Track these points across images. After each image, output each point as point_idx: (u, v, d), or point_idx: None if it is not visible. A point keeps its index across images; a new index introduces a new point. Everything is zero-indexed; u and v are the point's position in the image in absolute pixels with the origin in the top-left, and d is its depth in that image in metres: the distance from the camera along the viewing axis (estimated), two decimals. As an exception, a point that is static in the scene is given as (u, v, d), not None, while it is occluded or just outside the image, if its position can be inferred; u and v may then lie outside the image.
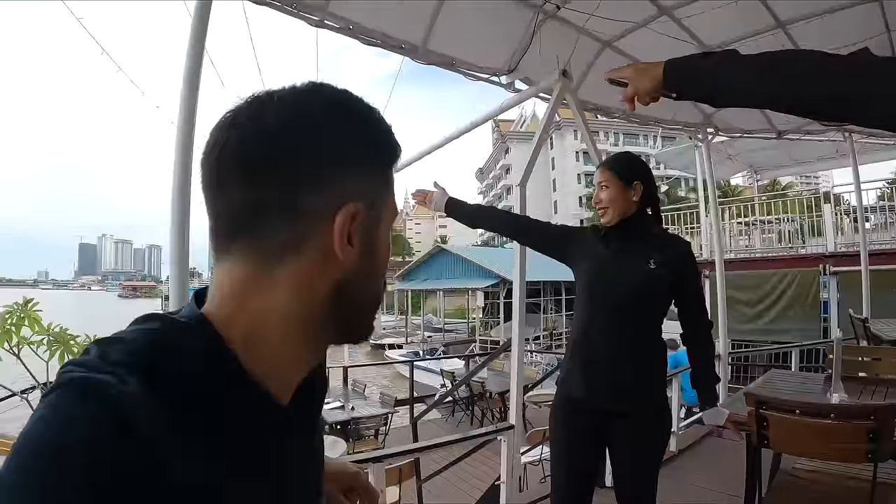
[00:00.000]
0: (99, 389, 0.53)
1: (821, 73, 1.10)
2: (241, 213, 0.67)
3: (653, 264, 2.43)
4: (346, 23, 3.60)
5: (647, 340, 2.49)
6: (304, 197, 0.67)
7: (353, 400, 8.41)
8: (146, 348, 0.59)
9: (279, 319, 0.68)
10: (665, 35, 4.29)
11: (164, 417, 0.54)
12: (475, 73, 4.46)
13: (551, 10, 4.08)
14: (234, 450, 0.61)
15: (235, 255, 0.68)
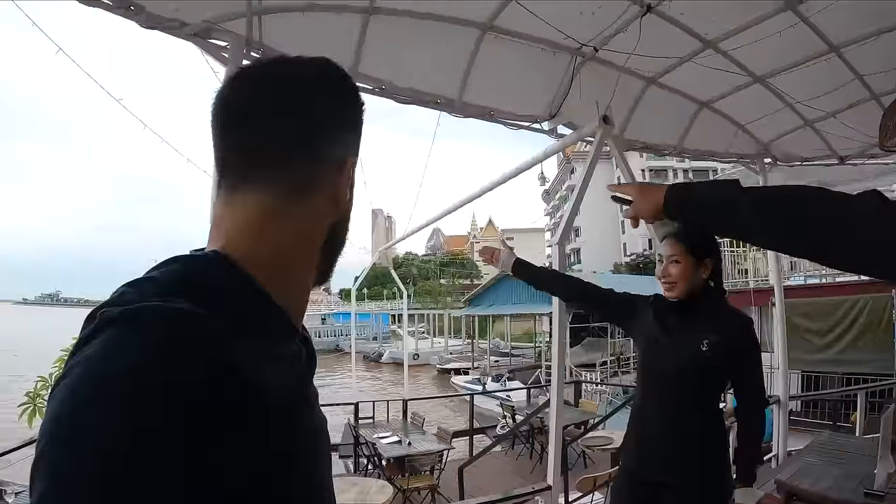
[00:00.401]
0: (162, 311, 0.58)
1: (809, 220, 1.11)
2: (262, 151, 0.77)
3: (706, 346, 2.42)
4: (377, 83, 3.69)
5: (697, 418, 2.49)
6: (326, 147, 0.80)
7: (411, 434, 8.44)
8: (177, 283, 0.64)
9: (295, 252, 0.78)
10: (712, 68, 4.21)
11: (223, 329, 0.60)
12: (516, 122, 4.46)
13: (589, 52, 4.05)
14: (280, 361, 0.70)
15: (249, 191, 0.76)
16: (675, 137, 5.20)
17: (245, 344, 0.62)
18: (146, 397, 0.51)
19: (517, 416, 10.66)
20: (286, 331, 0.75)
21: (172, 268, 0.68)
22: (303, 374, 0.79)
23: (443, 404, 20.40)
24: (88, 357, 0.54)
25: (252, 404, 0.59)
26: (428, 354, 44.15)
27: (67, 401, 0.52)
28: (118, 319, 0.56)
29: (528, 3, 3.44)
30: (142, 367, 0.52)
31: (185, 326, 0.57)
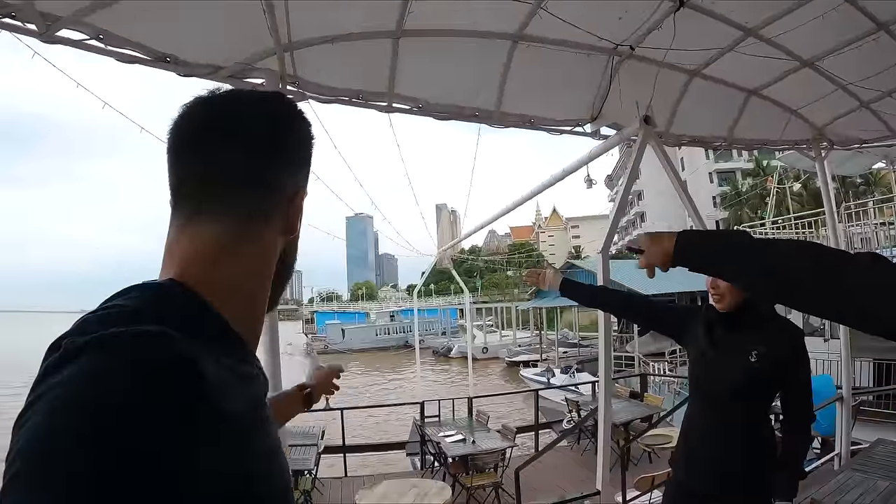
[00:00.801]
0: (131, 335, 0.58)
1: (812, 285, 1.14)
2: (214, 180, 0.79)
3: (754, 357, 2.41)
4: (414, 102, 3.79)
5: (745, 430, 2.49)
6: (278, 179, 0.83)
7: (476, 432, 8.54)
8: (140, 310, 0.65)
9: (249, 281, 0.81)
10: (757, 56, 4.11)
11: (192, 350, 0.60)
12: (557, 128, 4.47)
13: (626, 51, 4.02)
14: (242, 381, 0.71)
15: (204, 221, 0.78)
16: (724, 129, 5.09)
17: (212, 364, 0.62)
18: (126, 423, 0.51)
19: (581, 410, 10.61)
20: (243, 354, 0.77)
21: (132, 296, 0.69)
22: (260, 396, 0.80)
23: (511, 400, 20.38)
24: (61, 385, 0.55)
25: (222, 423, 0.60)
26: (497, 347, 44.21)
27: (43, 431, 0.52)
28: (87, 347, 0.57)
29: (555, 9, 3.45)
30: (118, 393, 0.53)
31: (157, 349, 0.58)
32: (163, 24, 2.84)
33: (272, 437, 0.82)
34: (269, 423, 0.82)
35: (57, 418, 0.52)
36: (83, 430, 0.51)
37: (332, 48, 3.27)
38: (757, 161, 43.20)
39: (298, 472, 7.12)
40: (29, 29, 2.53)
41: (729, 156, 44.71)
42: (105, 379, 0.54)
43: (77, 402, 0.53)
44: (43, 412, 0.53)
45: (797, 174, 23.46)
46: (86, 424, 0.51)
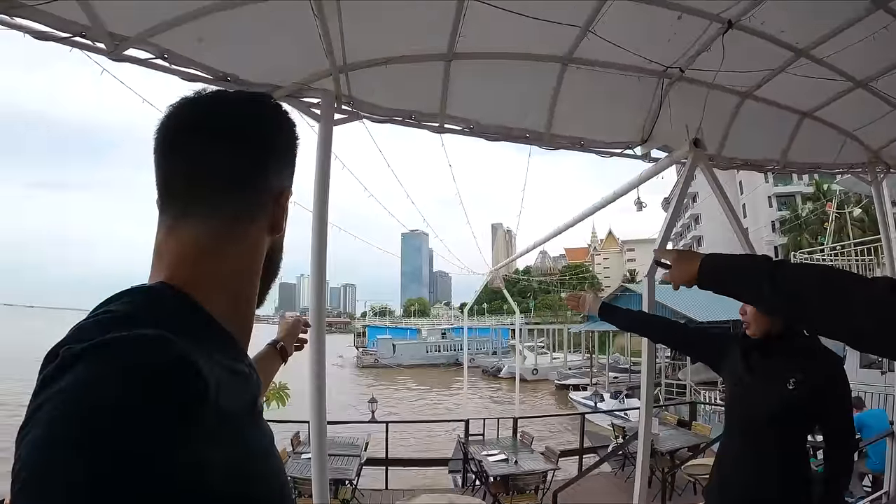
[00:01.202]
0: (130, 339, 0.59)
1: (835, 305, 1.20)
2: (200, 181, 0.80)
3: (792, 385, 2.35)
4: (465, 123, 3.87)
5: (781, 459, 2.44)
6: (264, 179, 0.85)
7: (519, 453, 8.49)
8: (134, 314, 0.66)
9: (236, 280, 0.83)
10: (809, 77, 4.03)
11: (190, 350, 0.61)
12: (607, 150, 4.48)
13: (675, 73, 4.01)
14: (237, 378, 0.74)
15: (191, 223, 0.79)
16: (777, 152, 5.00)
17: (209, 364, 0.63)
18: (126, 429, 0.52)
19: (628, 436, 10.42)
20: (236, 352, 0.79)
21: (124, 300, 0.70)
22: (254, 393, 0.82)
23: (559, 422, 20.14)
24: (59, 393, 0.55)
25: (221, 423, 0.62)
26: (547, 369, 43.70)
27: (43, 442, 0.52)
28: (84, 354, 0.57)
29: (604, 32, 3.48)
30: (117, 399, 0.54)
31: (155, 352, 0.59)
32: (224, 45, 3.01)
33: (267, 435, 0.84)
34: (263, 420, 0.85)
35: (56, 429, 0.53)
36: (83, 439, 0.51)
37: (385, 69, 3.40)
38: (817, 184, 41.86)
39: (339, 481, 7.20)
40: (98, 47, 2.70)
41: (788, 179, 43.43)
42: (103, 385, 0.55)
43: (75, 411, 0.53)
44: (43, 423, 0.53)
45: (858, 199, 22.63)
46: (85, 433, 0.52)
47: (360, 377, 49.91)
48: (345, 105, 3.43)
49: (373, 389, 20.43)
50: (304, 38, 3.03)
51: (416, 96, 3.68)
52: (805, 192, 48.87)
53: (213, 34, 2.92)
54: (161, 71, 2.91)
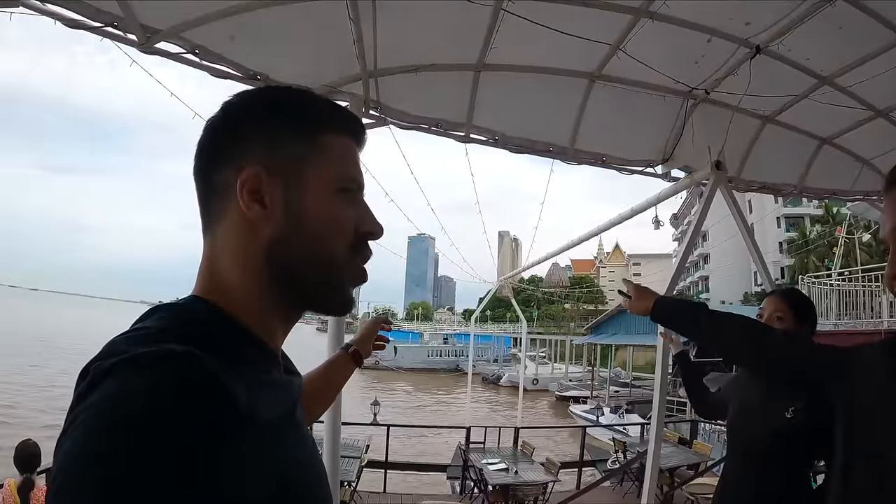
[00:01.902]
0: (157, 355, 0.61)
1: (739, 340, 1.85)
2: (198, 202, 0.83)
3: (791, 413, 2.32)
4: (490, 134, 3.87)
5: (783, 491, 2.38)
6: (217, 174, 0.81)
7: (520, 463, 8.50)
8: (165, 329, 0.69)
9: (239, 284, 0.80)
10: (831, 104, 4.04)
11: (217, 365, 0.63)
12: (628, 167, 4.48)
13: (700, 95, 4.01)
14: (271, 389, 0.75)
15: (203, 237, 0.83)
16: (795, 177, 5.00)
17: (238, 376, 0.65)
18: (151, 442, 0.54)
19: (628, 451, 10.42)
20: (270, 360, 0.80)
21: (157, 316, 0.72)
22: (289, 402, 0.83)
23: (557, 433, 20.10)
24: (91, 407, 0.57)
25: (252, 433, 0.63)
26: (547, 380, 43.63)
27: (74, 453, 0.55)
28: (113, 370, 0.59)
29: (633, 51, 3.51)
30: (143, 413, 0.55)
31: (182, 367, 0.60)
32: (256, 43, 3.02)
33: (307, 443, 0.86)
34: (304, 427, 0.88)
35: (87, 441, 0.55)
36: (110, 452, 0.53)
37: (415, 77, 3.42)
38: (826, 208, 41.83)
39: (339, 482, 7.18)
40: (129, 39, 2.71)
41: (798, 201, 43.29)
42: (130, 400, 0.56)
43: (103, 424, 0.55)
44: (75, 435, 0.56)
45: (867, 224, 22.59)
46: (112, 446, 0.54)
47: (360, 378, 49.87)
48: (373, 110, 3.45)
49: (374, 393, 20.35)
50: (336, 41, 3.05)
51: (444, 105, 3.70)
52: (814, 214, 48.76)
53: (245, 32, 2.93)
54: (191, 66, 2.92)
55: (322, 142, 0.84)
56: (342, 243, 0.84)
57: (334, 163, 0.84)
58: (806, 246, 42.14)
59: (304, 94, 0.88)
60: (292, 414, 0.82)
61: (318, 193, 0.82)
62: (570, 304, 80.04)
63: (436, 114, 3.69)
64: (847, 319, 13.00)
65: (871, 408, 1.27)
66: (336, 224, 0.83)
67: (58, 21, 2.56)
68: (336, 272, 0.84)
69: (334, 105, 0.90)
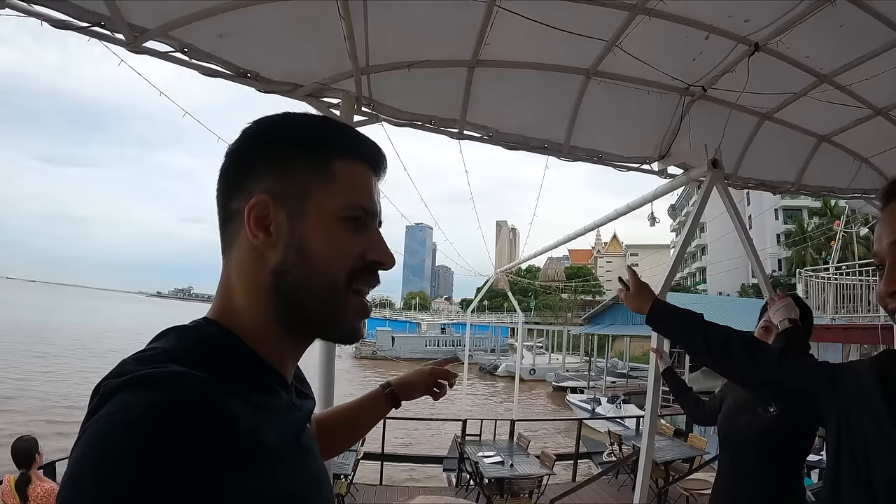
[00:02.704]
0: (159, 377, 0.63)
1: (730, 349, 1.71)
2: (218, 221, 0.85)
3: (773, 408, 2.43)
4: (485, 131, 3.85)
5: (770, 492, 2.45)
6: (231, 201, 0.82)
7: (515, 455, 8.48)
8: (173, 350, 0.70)
9: (248, 309, 0.80)
10: (830, 102, 4.03)
11: (219, 387, 0.65)
12: (624, 164, 4.45)
13: (698, 91, 3.99)
14: (275, 413, 0.75)
15: (224, 258, 0.84)
16: (792, 174, 4.97)
17: (241, 399, 0.66)
18: (147, 463, 0.55)
19: (624, 444, 10.42)
20: (277, 383, 0.80)
21: (169, 337, 0.75)
22: (299, 424, 0.84)
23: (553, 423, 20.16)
24: (96, 422, 0.60)
25: (252, 456, 0.64)
26: (544, 370, 43.77)
27: (78, 466, 0.57)
28: (122, 388, 0.61)
29: (630, 48, 3.47)
30: (141, 434, 0.57)
31: (181, 390, 0.61)
32: (246, 41, 2.99)
33: (311, 470, 0.85)
34: (311, 454, 0.86)
35: (94, 450, 0.58)
36: (107, 468, 0.55)
37: (407, 73, 3.37)
38: (825, 201, 41.95)
39: (335, 475, 7.21)
40: (117, 38, 2.68)
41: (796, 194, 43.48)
42: (129, 419, 0.58)
43: (104, 442, 0.58)
44: (84, 446, 0.58)
45: (865, 218, 22.64)
46: (110, 463, 0.56)
47: (358, 368, 50.02)
48: (365, 107, 3.41)
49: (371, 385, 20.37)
50: (327, 39, 3.01)
51: (437, 101, 3.66)
52: (812, 206, 48.79)
53: (234, 30, 2.90)
54: (181, 65, 2.89)
55: (333, 169, 0.83)
56: (344, 271, 0.82)
57: (342, 191, 0.83)
58: (804, 239, 42.16)
59: (322, 120, 0.88)
60: (299, 437, 0.83)
61: (320, 222, 0.81)
62: (568, 294, 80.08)
63: (429, 110, 3.66)
64: (844, 313, 13.02)
65: (863, 433, 1.24)
66: (338, 253, 0.82)
67: (44, 22, 2.53)
68: (338, 301, 0.83)
69: (352, 132, 0.89)
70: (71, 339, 49.72)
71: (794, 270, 21.59)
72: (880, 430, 1.20)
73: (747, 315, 2.61)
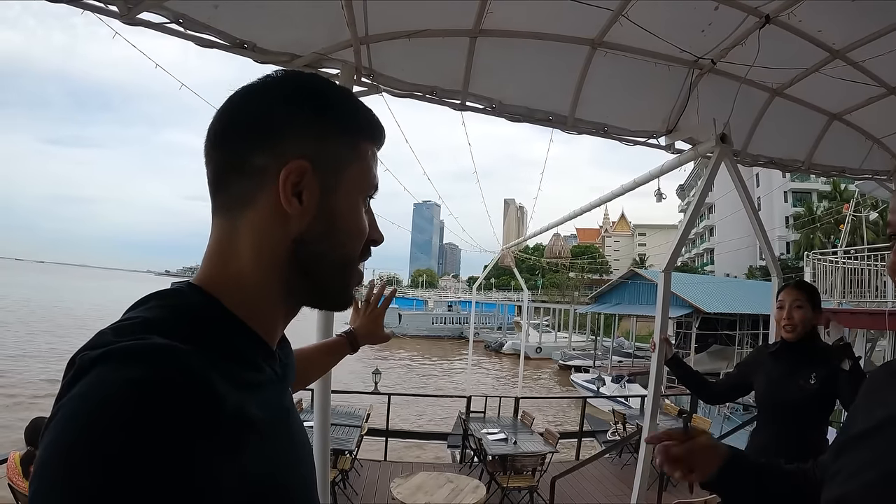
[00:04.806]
0: (137, 349, 0.59)
1: None
2: (212, 177, 0.79)
3: (813, 379, 2.83)
4: (488, 102, 3.76)
5: (809, 441, 2.79)
6: (253, 155, 0.76)
7: (519, 433, 8.51)
8: (152, 320, 0.67)
9: (249, 274, 0.77)
10: (843, 79, 3.93)
11: (199, 360, 0.61)
12: (630, 138, 4.36)
13: (707, 64, 3.90)
14: (256, 385, 0.71)
15: (214, 217, 0.79)
16: (802, 152, 4.88)
17: (221, 371, 0.63)
18: (125, 440, 0.52)
19: (628, 423, 10.44)
20: (261, 352, 0.77)
21: (149, 305, 0.70)
22: (283, 395, 0.83)
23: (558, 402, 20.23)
24: (71, 400, 0.56)
25: (236, 434, 0.61)
26: (550, 349, 43.96)
27: (53, 448, 0.54)
28: (97, 362, 0.58)
29: (637, 18, 3.38)
30: (118, 409, 0.53)
31: (165, 364, 0.58)
32: (242, 11, 2.90)
33: (296, 436, 0.83)
34: (291, 425, 0.83)
35: (64, 435, 0.54)
36: (79, 457, 0.52)
37: (408, 43, 3.29)
38: (834, 184, 41.72)
39: (339, 451, 7.26)
40: (110, 10, 2.60)
41: (806, 176, 43.13)
42: (108, 394, 0.55)
43: (80, 419, 0.54)
44: (54, 429, 0.55)
45: (874, 202, 22.43)
46: (83, 451, 0.52)
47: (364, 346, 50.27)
48: (365, 78, 3.33)
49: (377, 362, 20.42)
50: (325, 7, 2.94)
51: (439, 72, 3.57)
52: (822, 190, 48.43)
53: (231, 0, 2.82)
54: (176, 36, 2.81)
55: (360, 148, 0.84)
56: (359, 247, 0.86)
57: (367, 170, 0.85)
58: (812, 222, 41.89)
59: (351, 95, 0.87)
60: (281, 410, 0.80)
61: (351, 197, 0.83)
62: (575, 272, 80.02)
63: (430, 81, 3.57)
64: (851, 298, 12.95)
65: None
66: (360, 229, 0.85)
67: (38, -4, 2.46)
68: (350, 274, 0.86)
69: (371, 113, 0.88)
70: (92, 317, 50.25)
71: (802, 253, 21.40)
72: None
73: (754, 296, 2.77)
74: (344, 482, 7.36)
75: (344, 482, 7.36)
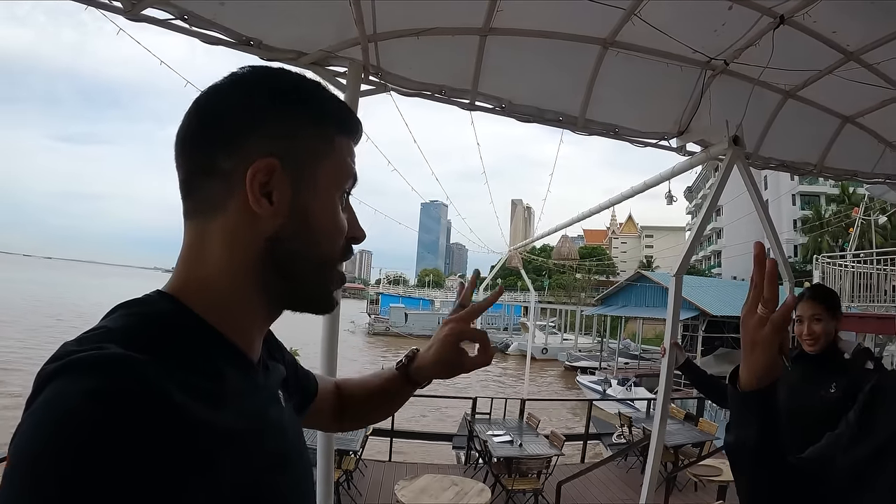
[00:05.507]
0: (95, 360, 0.57)
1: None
2: (182, 181, 0.76)
3: (833, 388, 2.79)
4: (497, 102, 3.71)
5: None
6: (219, 157, 0.74)
7: (525, 435, 8.47)
8: (116, 330, 0.65)
9: (221, 279, 0.75)
10: (857, 81, 3.86)
11: (160, 372, 0.59)
12: (642, 140, 4.30)
13: (719, 65, 3.84)
14: (229, 395, 0.68)
15: (186, 221, 0.77)
16: (815, 155, 4.81)
17: (179, 380, 0.60)
18: (74, 453, 0.51)
19: (634, 426, 10.38)
20: (237, 365, 0.75)
21: (116, 314, 0.69)
22: (264, 403, 0.79)
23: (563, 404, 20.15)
24: (32, 413, 0.56)
25: (206, 442, 0.60)
26: (556, 350, 43.84)
27: (14, 459, 0.53)
28: (55, 374, 0.57)
29: (649, 17, 3.33)
30: (82, 418, 0.53)
31: (115, 371, 0.57)
32: (248, 8, 2.86)
33: (283, 442, 0.81)
34: (280, 428, 0.81)
35: (31, 444, 0.54)
36: (49, 457, 0.51)
37: (416, 41, 3.25)
38: (843, 187, 41.50)
39: (344, 451, 7.24)
40: (115, 6, 2.57)
41: (814, 179, 42.93)
42: (66, 405, 0.54)
43: (45, 428, 0.54)
44: (16, 443, 0.54)
45: (884, 206, 22.33)
46: (43, 460, 0.52)
47: (371, 344, 50.40)
48: (372, 76, 3.30)
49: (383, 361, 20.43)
50: (332, 4, 2.91)
51: (448, 70, 3.53)
52: (830, 193, 48.21)
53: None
54: (181, 33, 2.77)
55: (335, 142, 0.82)
56: (339, 245, 0.83)
57: (343, 165, 0.83)
58: (821, 225, 41.69)
59: (321, 88, 0.84)
60: (264, 415, 0.78)
61: (327, 194, 0.80)
62: (582, 274, 79.84)
63: (439, 80, 3.52)
64: (860, 302, 12.87)
65: None
66: (337, 226, 0.82)
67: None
68: (330, 273, 0.83)
69: (344, 104, 0.86)
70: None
71: (811, 257, 21.33)
72: None
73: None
74: (348, 482, 7.35)
75: (348, 482, 7.35)
